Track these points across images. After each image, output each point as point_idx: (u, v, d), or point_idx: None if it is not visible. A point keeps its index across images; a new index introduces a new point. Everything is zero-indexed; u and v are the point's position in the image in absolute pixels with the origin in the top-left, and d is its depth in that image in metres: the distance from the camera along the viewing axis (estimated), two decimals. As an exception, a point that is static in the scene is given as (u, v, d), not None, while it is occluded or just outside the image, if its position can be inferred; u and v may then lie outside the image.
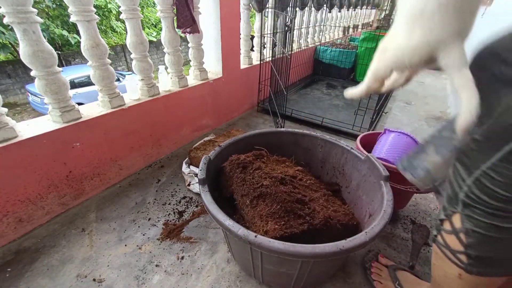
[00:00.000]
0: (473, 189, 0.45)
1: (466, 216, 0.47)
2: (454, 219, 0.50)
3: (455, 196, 0.49)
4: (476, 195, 0.45)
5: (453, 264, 0.52)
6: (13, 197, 0.96)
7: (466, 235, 0.48)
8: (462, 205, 0.48)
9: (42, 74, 0.96)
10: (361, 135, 1.17)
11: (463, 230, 0.48)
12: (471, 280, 0.51)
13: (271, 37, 2.14)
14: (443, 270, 0.56)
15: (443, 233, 0.53)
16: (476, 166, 0.44)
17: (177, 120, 1.57)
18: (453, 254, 0.51)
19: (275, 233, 0.69)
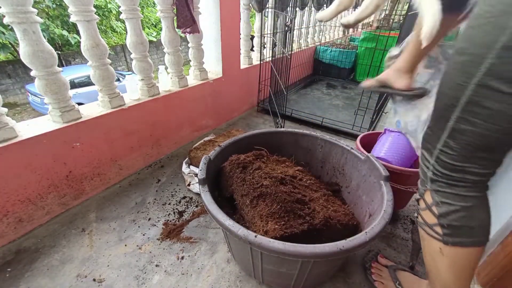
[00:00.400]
0: (436, 167, 0.54)
1: (434, 190, 0.56)
2: (426, 196, 0.58)
3: (425, 177, 0.58)
4: (439, 171, 0.53)
5: (433, 240, 0.57)
6: (13, 197, 0.95)
7: (436, 206, 0.55)
8: (430, 182, 0.56)
9: (42, 74, 0.96)
10: (361, 135, 1.17)
11: (434, 203, 0.56)
12: (451, 253, 0.56)
13: (271, 37, 2.14)
14: (429, 253, 0.61)
15: (421, 212, 0.60)
16: (434, 147, 0.54)
17: (177, 120, 1.57)
18: (430, 228, 0.58)
19: (275, 233, 0.69)
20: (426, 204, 0.58)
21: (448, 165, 0.51)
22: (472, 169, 0.49)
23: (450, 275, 0.57)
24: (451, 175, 0.52)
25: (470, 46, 0.44)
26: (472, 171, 0.50)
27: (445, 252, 0.56)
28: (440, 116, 0.51)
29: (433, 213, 0.56)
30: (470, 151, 0.48)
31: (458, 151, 0.49)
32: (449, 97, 0.48)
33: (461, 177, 0.51)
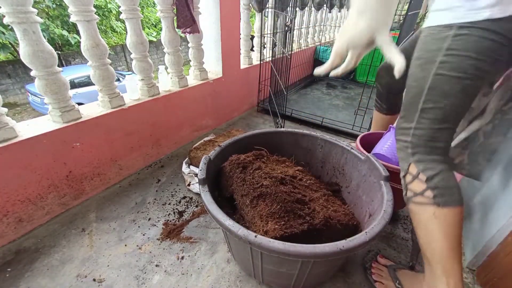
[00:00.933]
0: (414, 141, 0.67)
1: (416, 161, 0.67)
2: (411, 169, 0.68)
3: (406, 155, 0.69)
4: (416, 144, 0.67)
5: (425, 207, 0.66)
6: (13, 197, 0.96)
7: (423, 173, 0.66)
8: (411, 156, 0.68)
9: (42, 74, 0.96)
10: (361, 135, 1.17)
11: (419, 171, 0.66)
12: (442, 215, 0.64)
13: (271, 37, 2.14)
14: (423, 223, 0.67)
15: (408, 185, 0.69)
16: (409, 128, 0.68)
17: (177, 120, 1.57)
18: (421, 195, 0.66)
19: (275, 233, 0.69)
20: (412, 176, 0.68)
21: (423, 137, 0.66)
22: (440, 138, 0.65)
23: (444, 240, 0.64)
24: (427, 144, 0.66)
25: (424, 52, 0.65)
26: (440, 139, 0.66)
27: (437, 215, 0.64)
28: (411, 103, 0.68)
29: (420, 180, 0.66)
30: (437, 123, 0.64)
31: (428, 124, 0.65)
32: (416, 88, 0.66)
33: (434, 145, 0.66)
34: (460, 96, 0.62)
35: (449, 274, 0.64)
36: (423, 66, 0.65)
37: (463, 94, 0.61)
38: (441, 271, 0.65)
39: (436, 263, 0.66)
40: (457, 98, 0.62)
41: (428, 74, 0.63)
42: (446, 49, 0.60)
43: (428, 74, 0.63)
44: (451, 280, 0.64)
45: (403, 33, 1.63)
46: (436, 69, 0.62)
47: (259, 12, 2.04)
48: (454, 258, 0.64)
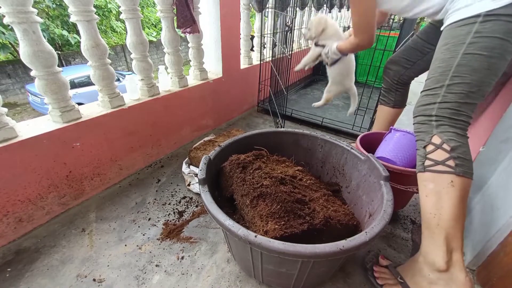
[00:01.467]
0: (439, 114, 0.72)
1: (441, 132, 0.71)
2: (434, 139, 0.72)
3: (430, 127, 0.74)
4: (442, 116, 0.72)
5: (443, 175, 0.69)
6: (13, 197, 0.96)
7: (447, 143, 0.70)
8: (436, 128, 0.72)
9: (42, 74, 0.96)
10: (361, 135, 1.17)
11: (444, 141, 0.70)
12: (459, 184, 0.68)
13: (271, 37, 2.14)
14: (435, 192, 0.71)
15: (429, 155, 0.73)
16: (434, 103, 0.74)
17: (177, 120, 1.57)
18: (442, 164, 0.70)
19: (275, 233, 0.69)
20: (435, 145, 0.71)
21: (448, 110, 0.71)
22: (464, 112, 0.71)
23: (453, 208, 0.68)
24: (452, 118, 0.71)
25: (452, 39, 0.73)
26: (464, 114, 0.71)
27: (455, 183, 0.68)
28: (437, 80, 0.74)
29: (444, 150, 0.70)
30: (463, 97, 0.70)
31: (454, 98, 0.71)
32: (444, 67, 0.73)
33: (458, 119, 0.71)
34: (487, 72, 0.68)
35: (451, 241, 0.68)
36: (451, 49, 0.72)
37: (489, 71, 0.68)
38: (444, 238, 0.68)
39: (440, 231, 0.69)
40: (483, 75, 0.68)
41: (457, 54, 0.71)
42: (474, 32, 0.68)
43: (457, 54, 0.71)
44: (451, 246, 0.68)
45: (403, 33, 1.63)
46: (465, 49, 0.69)
47: (259, 12, 2.04)
48: (459, 229, 0.68)
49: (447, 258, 0.68)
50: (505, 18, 0.65)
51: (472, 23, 0.69)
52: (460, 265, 0.68)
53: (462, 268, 0.68)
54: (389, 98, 1.28)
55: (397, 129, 1.10)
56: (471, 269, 0.92)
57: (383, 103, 1.32)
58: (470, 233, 0.99)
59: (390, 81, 1.23)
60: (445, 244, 0.68)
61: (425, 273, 0.73)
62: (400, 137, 1.07)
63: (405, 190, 0.96)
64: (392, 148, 1.05)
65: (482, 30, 0.68)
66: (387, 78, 1.24)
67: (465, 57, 0.69)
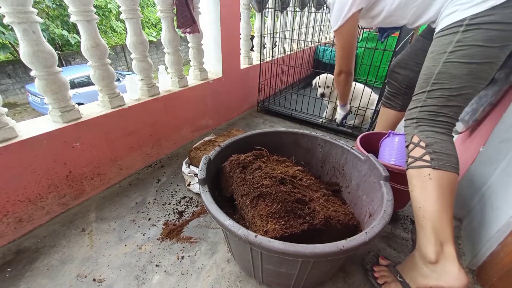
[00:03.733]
0: (419, 116, 0.79)
1: (419, 132, 0.77)
2: (414, 139, 0.78)
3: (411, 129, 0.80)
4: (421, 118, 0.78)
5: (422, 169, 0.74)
6: (13, 197, 0.96)
7: (423, 140, 0.76)
8: (415, 128, 0.79)
9: (42, 74, 0.96)
10: (361, 135, 1.16)
11: (421, 139, 0.76)
12: (437, 177, 0.71)
13: (271, 37, 2.14)
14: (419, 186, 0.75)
15: (410, 153, 0.79)
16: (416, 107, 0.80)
17: (177, 120, 1.57)
18: (420, 159, 0.75)
19: (275, 233, 0.69)
20: (414, 144, 0.78)
21: (427, 113, 0.77)
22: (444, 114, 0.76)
23: (436, 201, 0.71)
24: (430, 119, 0.77)
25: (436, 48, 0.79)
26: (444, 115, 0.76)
27: (432, 176, 0.72)
28: (420, 87, 0.80)
29: (421, 146, 0.76)
30: (441, 101, 0.76)
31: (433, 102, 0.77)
32: (426, 75, 0.79)
33: (437, 120, 0.76)
34: (467, 78, 0.72)
35: (438, 234, 0.70)
36: (434, 57, 0.78)
37: (470, 76, 0.72)
38: (431, 230, 0.71)
39: (426, 223, 0.72)
40: (464, 80, 0.73)
41: (438, 62, 0.76)
42: (456, 41, 0.73)
43: (438, 63, 0.76)
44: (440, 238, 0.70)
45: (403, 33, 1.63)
46: (446, 57, 0.75)
47: (259, 12, 2.04)
48: (444, 221, 0.70)
49: (436, 249, 0.69)
50: (486, 26, 0.69)
51: (455, 33, 0.73)
52: (452, 258, 0.68)
53: (455, 261, 0.68)
54: (395, 102, 1.24)
55: (396, 133, 1.09)
56: (471, 269, 0.92)
57: (389, 106, 1.28)
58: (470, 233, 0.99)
59: (398, 85, 1.19)
60: (433, 236, 0.70)
61: (419, 267, 0.74)
62: (402, 142, 1.05)
63: (405, 190, 0.96)
64: (397, 154, 1.04)
65: (463, 39, 0.72)
66: (395, 83, 1.20)
67: (445, 65, 0.75)
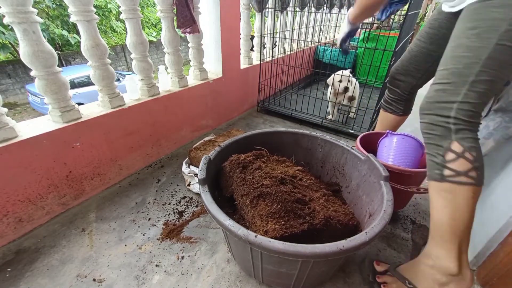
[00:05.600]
0: (458, 117, 0.64)
1: (461, 139, 0.64)
2: (454, 147, 0.64)
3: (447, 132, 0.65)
4: (462, 120, 0.64)
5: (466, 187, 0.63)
6: (13, 197, 0.96)
7: (469, 152, 0.63)
8: (455, 133, 0.64)
9: (42, 74, 0.96)
10: (361, 135, 1.16)
11: (466, 149, 0.63)
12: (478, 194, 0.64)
13: (271, 37, 2.14)
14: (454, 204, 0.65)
15: (449, 164, 0.65)
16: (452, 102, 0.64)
17: (177, 120, 1.57)
18: (465, 175, 0.63)
19: (275, 233, 0.69)
20: (457, 154, 0.64)
21: (469, 112, 0.63)
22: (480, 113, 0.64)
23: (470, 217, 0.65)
24: (471, 121, 0.64)
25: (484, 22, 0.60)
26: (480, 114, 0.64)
27: (476, 194, 0.64)
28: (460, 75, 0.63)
29: (467, 159, 0.63)
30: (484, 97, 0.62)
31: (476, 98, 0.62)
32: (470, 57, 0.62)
33: (476, 122, 0.64)
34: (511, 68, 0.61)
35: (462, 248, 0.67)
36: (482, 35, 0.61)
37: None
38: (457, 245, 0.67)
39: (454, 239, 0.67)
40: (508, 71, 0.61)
41: (489, 43, 0.60)
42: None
43: (488, 44, 0.60)
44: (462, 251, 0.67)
45: (403, 33, 1.63)
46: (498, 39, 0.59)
47: (259, 12, 2.04)
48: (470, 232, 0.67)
49: (458, 263, 0.67)
50: None
51: None
52: (466, 263, 0.68)
53: (468, 265, 0.68)
54: (397, 107, 1.18)
55: (394, 132, 1.09)
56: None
57: (390, 111, 1.21)
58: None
59: (401, 92, 1.13)
60: (458, 251, 0.67)
61: (436, 277, 0.71)
62: (400, 142, 1.06)
63: (405, 190, 0.96)
64: (395, 153, 1.04)
65: None
66: (398, 90, 1.13)
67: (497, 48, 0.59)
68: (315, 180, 1.02)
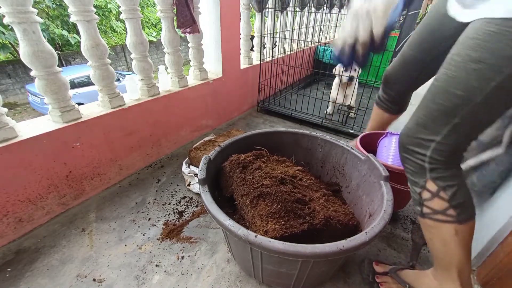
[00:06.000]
0: (434, 156, 0.60)
1: (435, 178, 0.61)
2: (429, 185, 0.63)
3: (421, 169, 0.63)
4: (437, 159, 0.60)
5: (447, 225, 0.62)
6: (13, 197, 0.95)
7: (444, 191, 0.61)
8: (429, 172, 0.62)
9: (42, 74, 0.96)
10: (361, 135, 1.16)
11: (440, 189, 0.61)
12: (464, 231, 0.62)
13: (271, 37, 2.14)
14: (441, 240, 0.65)
15: (426, 203, 0.65)
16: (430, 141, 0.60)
17: (177, 120, 1.57)
18: (443, 213, 0.62)
19: (275, 233, 0.69)
20: (431, 193, 0.62)
21: (446, 152, 0.59)
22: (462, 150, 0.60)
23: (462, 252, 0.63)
24: (448, 160, 0.60)
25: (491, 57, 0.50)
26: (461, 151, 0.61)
27: (459, 231, 0.62)
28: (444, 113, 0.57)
29: (441, 198, 0.61)
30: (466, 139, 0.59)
31: (456, 139, 0.58)
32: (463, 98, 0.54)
33: (454, 158, 0.61)
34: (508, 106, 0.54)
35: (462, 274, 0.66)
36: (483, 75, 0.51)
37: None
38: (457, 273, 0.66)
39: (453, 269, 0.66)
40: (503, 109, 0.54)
41: (487, 85, 0.51)
42: None
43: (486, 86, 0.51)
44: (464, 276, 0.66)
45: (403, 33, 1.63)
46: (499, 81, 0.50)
47: (259, 12, 2.04)
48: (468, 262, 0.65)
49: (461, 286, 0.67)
50: None
51: None
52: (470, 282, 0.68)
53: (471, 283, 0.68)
54: (391, 107, 1.14)
55: (393, 132, 1.09)
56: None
57: (384, 109, 1.16)
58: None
59: (394, 94, 1.08)
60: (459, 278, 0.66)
61: None
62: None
63: (405, 190, 0.96)
64: (394, 154, 1.04)
65: None
66: (391, 92, 1.09)
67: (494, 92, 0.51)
68: (315, 180, 1.02)
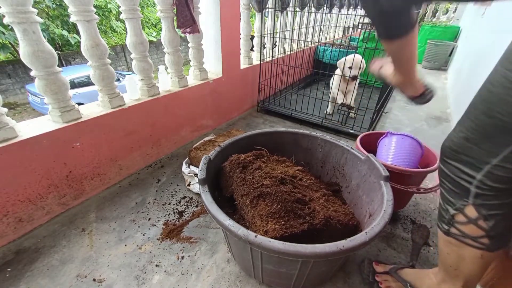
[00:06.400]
0: (485, 181, 0.51)
1: (479, 205, 0.53)
2: (467, 210, 0.56)
3: (465, 191, 0.55)
4: (489, 185, 0.51)
5: (473, 248, 0.58)
6: (13, 197, 0.95)
7: (485, 220, 0.54)
8: (474, 197, 0.54)
9: (42, 74, 0.96)
10: (361, 135, 1.17)
11: (481, 217, 0.54)
12: (490, 256, 0.58)
13: (271, 37, 2.14)
14: (458, 255, 0.61)
15: (458, 225, 0.58)
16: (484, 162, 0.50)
17: (177, 120, 1.57)
18: (474, 240, 0.57)
19: (275, 233, 0.69)
20: (468, 219, 0.56)
21: (501, 180, 0.49)
22: None
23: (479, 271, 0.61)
24: (502, 187, 0.50)
25: None
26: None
27: (485, 256, 0.58)
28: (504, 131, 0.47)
29: (479, 227, 0.55)
30: None
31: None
32: None
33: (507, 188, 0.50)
34: None
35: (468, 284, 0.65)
36: None
37: None
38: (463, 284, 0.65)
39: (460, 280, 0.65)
40: None
41: None
42: None
43: None
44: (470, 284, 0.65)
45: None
46: None
47: (259, 12, 2.04)
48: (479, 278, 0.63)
49: None
50: None
51: None
52: None
53: None
54: None
55: (394, 132, 1.09)
56: None
57: None
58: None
59: None
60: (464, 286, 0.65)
61: None
62: (399, 142, 1.06)
63: (405, 190, 0.96)
64: (394, 153, 1.04)
65: None
66: None
67: None
68: (315, 180, 1.02)
